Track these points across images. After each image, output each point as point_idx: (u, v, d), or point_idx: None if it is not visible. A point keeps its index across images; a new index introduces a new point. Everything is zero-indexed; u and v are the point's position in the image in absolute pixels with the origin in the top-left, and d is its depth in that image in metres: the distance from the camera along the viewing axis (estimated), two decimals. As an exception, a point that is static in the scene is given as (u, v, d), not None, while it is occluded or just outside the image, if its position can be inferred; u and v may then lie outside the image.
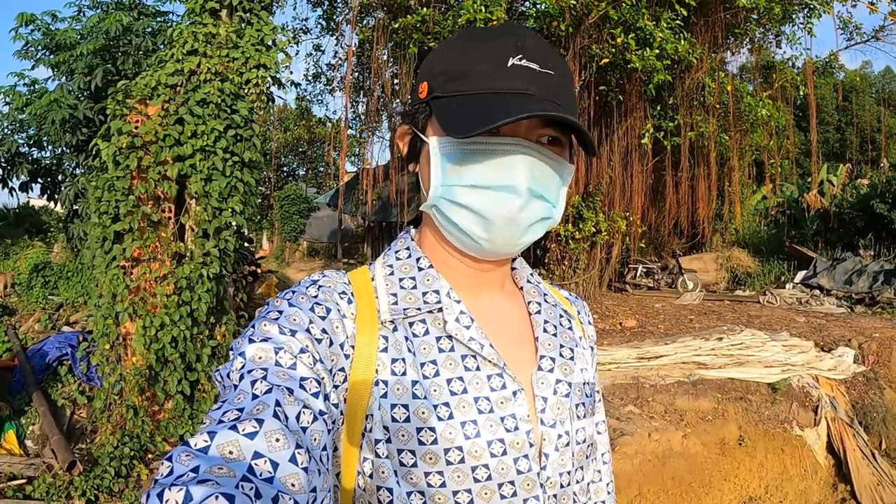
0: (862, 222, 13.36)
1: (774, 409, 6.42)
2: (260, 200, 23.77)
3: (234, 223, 5.66)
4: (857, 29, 12.68)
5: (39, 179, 9.63)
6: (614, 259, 11.96)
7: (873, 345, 7.55)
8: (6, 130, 9.39)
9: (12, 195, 9.67)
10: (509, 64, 0.80)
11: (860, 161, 23.13)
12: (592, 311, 10.01)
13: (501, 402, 0.83)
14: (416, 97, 0.89)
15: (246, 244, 8.17)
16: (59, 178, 9.62)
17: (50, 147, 9.26)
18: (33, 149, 9.63)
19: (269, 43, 5.87)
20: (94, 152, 5.47)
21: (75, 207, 8.44)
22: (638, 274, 13.31)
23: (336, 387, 0.79)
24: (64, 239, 9.30)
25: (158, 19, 8.99)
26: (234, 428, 0.57)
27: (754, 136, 10.66)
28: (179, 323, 5.24)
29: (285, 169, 30.71)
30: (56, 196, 9.50)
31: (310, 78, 13.88)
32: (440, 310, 0.86)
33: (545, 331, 0.94)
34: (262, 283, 8.44)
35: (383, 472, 0.80)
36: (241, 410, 0.61)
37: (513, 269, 1.02)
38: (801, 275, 12.37)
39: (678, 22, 8.00)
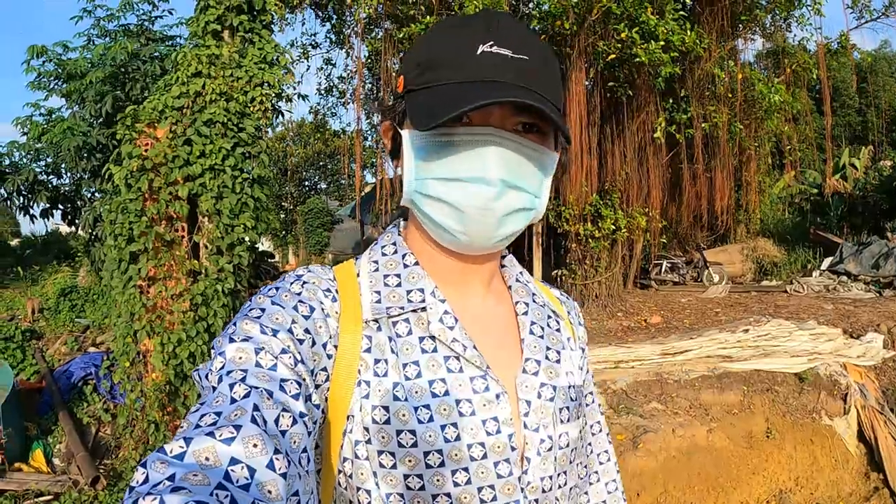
0: (887, 205, 13.12)
1: (802, 399, 6.30)
2: (283, 216, 23.99)
3: (246, 239, 5.74)
4: (867, 6, 12.43)
5: (59, 206, 9.87)
6: (637, 255, 11.83)
7: (903, 329, 7.38)
8: (25, 160, 9.63)
9: (33, 222, 9.96)
10: (479, 52, 0.76)
11: (883, 142, 22.61)
12: (617, 309, 10.02)
13: (484, 405, 0.81)
14: (395, 91, 0.87)
15: (268, 259, 8.26)
16: (79, 203, 9.82)
17: (67, 174, 9.50)
18: (52, 176, 9.88)
19: (272, 60, 5.95)
20: (107, 177, 5.59)
21: (95, 231, 8.60)
22: (662, 269, 13.14)
23: (318, 387, 0.77)
24: (88, 263, 9.49)
25: (166, 43, 9.13)
26: (211, 434, 0.56)
27: (769, 123, 10.48)
28: (196, 338, 5.33)
29: (307, 183, 30.93)
30: (76, 221, 9.71)
31: (322, 92, 13.99)
32: (424, 309, 0.84)
33: (531, 332, 0.91)
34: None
35: (362, 474, 0.79)
36: (218, 415, 0.60)
37: (503, 266, 0.99)
38: (827, 261, 12.15)
39: (683, 13, 7.93)
